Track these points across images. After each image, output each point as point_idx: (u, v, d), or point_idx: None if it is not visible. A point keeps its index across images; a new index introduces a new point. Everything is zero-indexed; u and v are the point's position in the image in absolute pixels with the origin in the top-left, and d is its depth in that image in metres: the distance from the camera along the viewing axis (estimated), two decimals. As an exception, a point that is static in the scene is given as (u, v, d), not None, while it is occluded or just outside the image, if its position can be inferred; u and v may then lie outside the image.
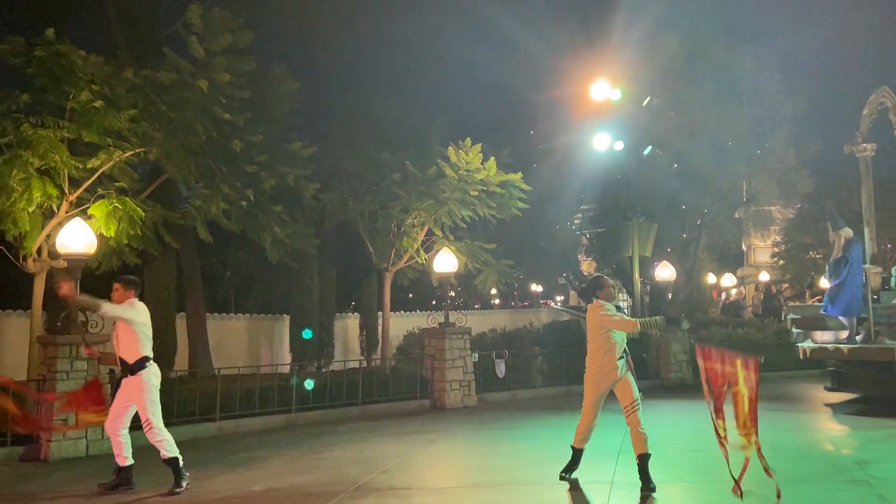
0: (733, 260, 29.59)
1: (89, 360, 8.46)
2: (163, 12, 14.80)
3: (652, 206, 16.46)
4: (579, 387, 14.26)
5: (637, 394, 6.33)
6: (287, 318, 16.98)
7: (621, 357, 6.36)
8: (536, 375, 13.78)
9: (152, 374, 6.61)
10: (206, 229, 11.65)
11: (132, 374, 6.52)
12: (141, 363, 6.54)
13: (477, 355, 12.75)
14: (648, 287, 18.35)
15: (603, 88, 13.65)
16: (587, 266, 22.49)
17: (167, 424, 9.25)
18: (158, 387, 6.67)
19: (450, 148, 13.12)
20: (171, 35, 13.61)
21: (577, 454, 6.68)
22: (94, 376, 7.96)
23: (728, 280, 26.23)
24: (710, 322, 18.31)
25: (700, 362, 5.84)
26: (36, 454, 8.17)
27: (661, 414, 11.15)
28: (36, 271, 9.71)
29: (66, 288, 6.82)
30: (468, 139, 13.12)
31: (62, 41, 9.18)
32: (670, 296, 17.87)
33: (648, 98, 15.32)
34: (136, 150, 9.99)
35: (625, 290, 18.58)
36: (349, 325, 19.13)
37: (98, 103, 9.24)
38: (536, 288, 35.62)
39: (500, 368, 12.93)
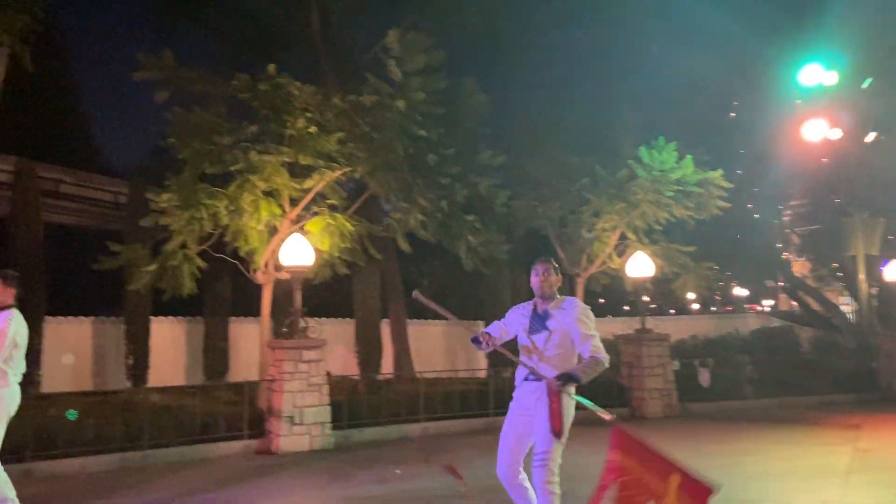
0: (985, 256, 25.39)
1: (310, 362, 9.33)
2: (363, 39, 15.95)
3: (877, 198, 14.69)
4: (794, 398, 13.16)
5: None
6: (481, 323, 17.38)
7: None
8: (745, 385, 12.86)
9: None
10: (405, 240, 12.32)
11: None
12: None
13: (678, 363, 12.18)
14: (876, 289, 16.37)
15: (814, 73, 12.47)
16: (799, 267, 20.56)
17: (375, 424, 9.99)
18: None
19: (641, 148, 12.72)
20: (370, 59, 14.62)
21: None
22: None
23: (979, 280, 22.52)
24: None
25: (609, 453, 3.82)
26: (268, 447, 9.13)
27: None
28: (264, 282, 10.87)
29: None
30: (661, 138, 12.64)
31: (281, 75, 10.23)
32: (904, 299, 15.80)
33: (870, 79, 13.72)
34: (345, 170, 10.85)
35: (847, 293, 16.75)
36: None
37: (312, 129, 10.17)
38: (740, 291, 33.21)
39: (705, 377, 12.24)
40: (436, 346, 18.18)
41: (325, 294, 16.89)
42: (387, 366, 15.32)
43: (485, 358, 16.98)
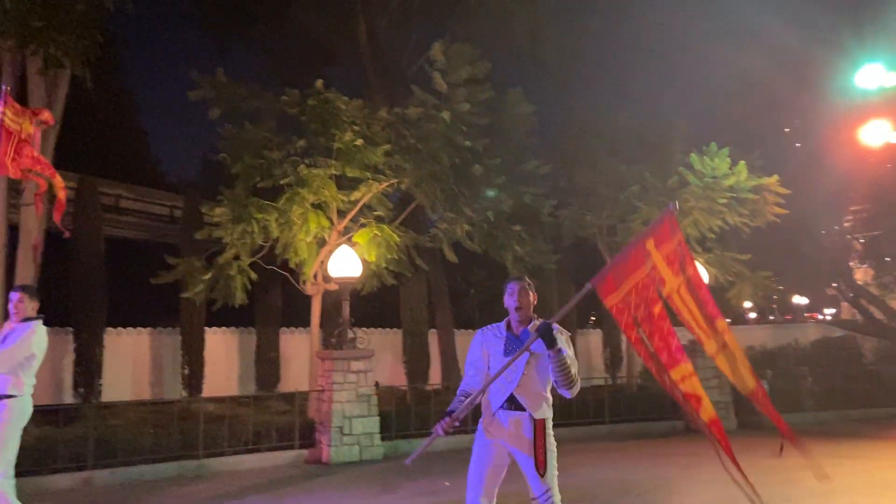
0: None
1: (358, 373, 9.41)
2: (409, 52, 16.10)
3: (945, 202, 14.08)
4: (857, 411, 12.64)
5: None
6: (530, 335, 17.27)
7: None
8: (805, 398, 12.43)
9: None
10: (451, 250, 12.33)
11: None
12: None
13: (733, 375, 11.84)
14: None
15: (874, 74, 12.02)
16: (862, 274, 19.80)
17: (423, 435, 9.97)
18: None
19: (692, 155, 12.46)
20: (416, 72, 14.74)
21: None
22: None
23: None
24: None
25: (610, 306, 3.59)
26: (318, 457, 9.22)
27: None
28: (313, 293, 11.03)
29: None
30: (713, 144, 12.37)
31: (328, 89, 10.41)
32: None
33: (934, 78, 13.13)
34: (391, 182, 10.95)
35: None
36: (591, 341, 18.92)
37: (359, 142, 10.31)
38: (799, 300, 32.18)
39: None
40: (484, 357, 18.07)
41: (372, 304, 17.03)
42: (434, 376, 15.33)
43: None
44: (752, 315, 35.92)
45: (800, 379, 12.63)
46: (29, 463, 7.60)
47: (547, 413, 3.88)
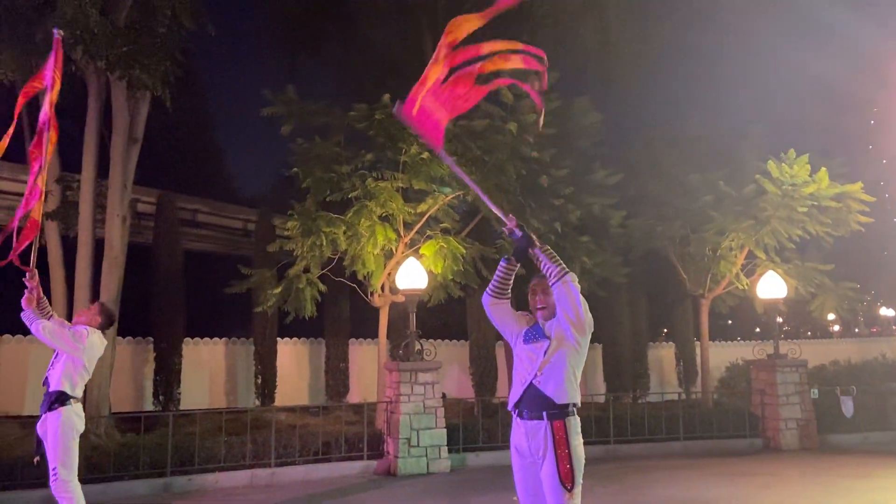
0: None
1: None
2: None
3: None
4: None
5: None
6: (599, 347, 16.95)
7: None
8: (893, 415, 11.73)
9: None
10: (518, 262, 12.21)
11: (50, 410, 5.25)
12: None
13: (816, 391, 11.29)
14: None
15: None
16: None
17: (491, 449, 9.88)
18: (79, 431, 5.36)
19: (769, 162, 12.00)
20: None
21: None
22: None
23: None
24: None
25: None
26: (386, 468, 9.27)
27: None
28: (380, 305, 11.14)
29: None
30: (791, 150, 11.88)
31: (395, 104, 10.51)
32: None
33: None
34: (457, 194, 10.96)
35: None
36: (663, 355, 18.40)
37: (425, 155, 10.37)
38: (886, 312, 30.47)
39: (848, 407, 11.26)
40: (552, 369, 17.81)
41: (439, 316, 17.04)
42: (502, 388, 15.19)
43: (602, 382, 16.49)
44: (836, 328, 34.21)
45: (887, 395, 11.93)
46: (112, 468, 7.95)
47: (570, 413, 3.60)
